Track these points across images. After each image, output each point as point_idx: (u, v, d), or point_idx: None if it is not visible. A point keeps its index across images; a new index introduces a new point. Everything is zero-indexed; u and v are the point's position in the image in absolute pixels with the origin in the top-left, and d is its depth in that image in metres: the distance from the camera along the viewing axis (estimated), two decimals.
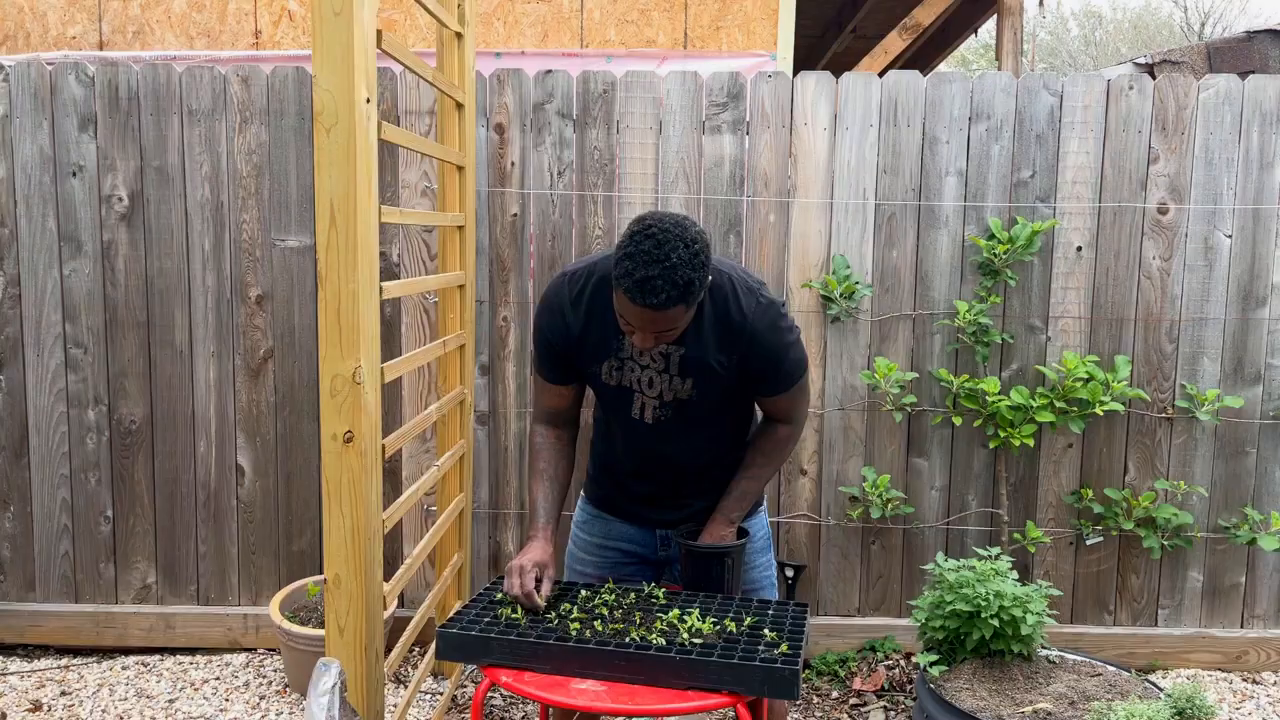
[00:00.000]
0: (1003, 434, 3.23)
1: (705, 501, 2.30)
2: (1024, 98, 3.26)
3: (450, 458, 2.95)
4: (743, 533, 2.28)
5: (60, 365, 3.37)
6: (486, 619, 2.07)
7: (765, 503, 2.46)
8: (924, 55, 7.89)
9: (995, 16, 6.16)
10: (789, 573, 3.35)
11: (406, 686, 3.28)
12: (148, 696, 3.21)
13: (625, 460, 2.33)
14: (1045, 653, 2.65)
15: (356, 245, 1.96)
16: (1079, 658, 2.68)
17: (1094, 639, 3.39)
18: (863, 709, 3.16)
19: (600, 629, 2.01)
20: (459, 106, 2.94)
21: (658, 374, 2.18)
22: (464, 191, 3.00)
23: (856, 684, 3.26)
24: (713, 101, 3.26)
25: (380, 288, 2.10)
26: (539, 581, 2.12)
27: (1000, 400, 3.20)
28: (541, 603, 2.09)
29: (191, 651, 3.48)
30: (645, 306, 1.92)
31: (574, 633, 1.99)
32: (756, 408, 2.35)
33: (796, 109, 3.26)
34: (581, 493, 2.50)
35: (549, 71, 3.29)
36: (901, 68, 3.80)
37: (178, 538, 3.45)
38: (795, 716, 3.11)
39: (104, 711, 3.11)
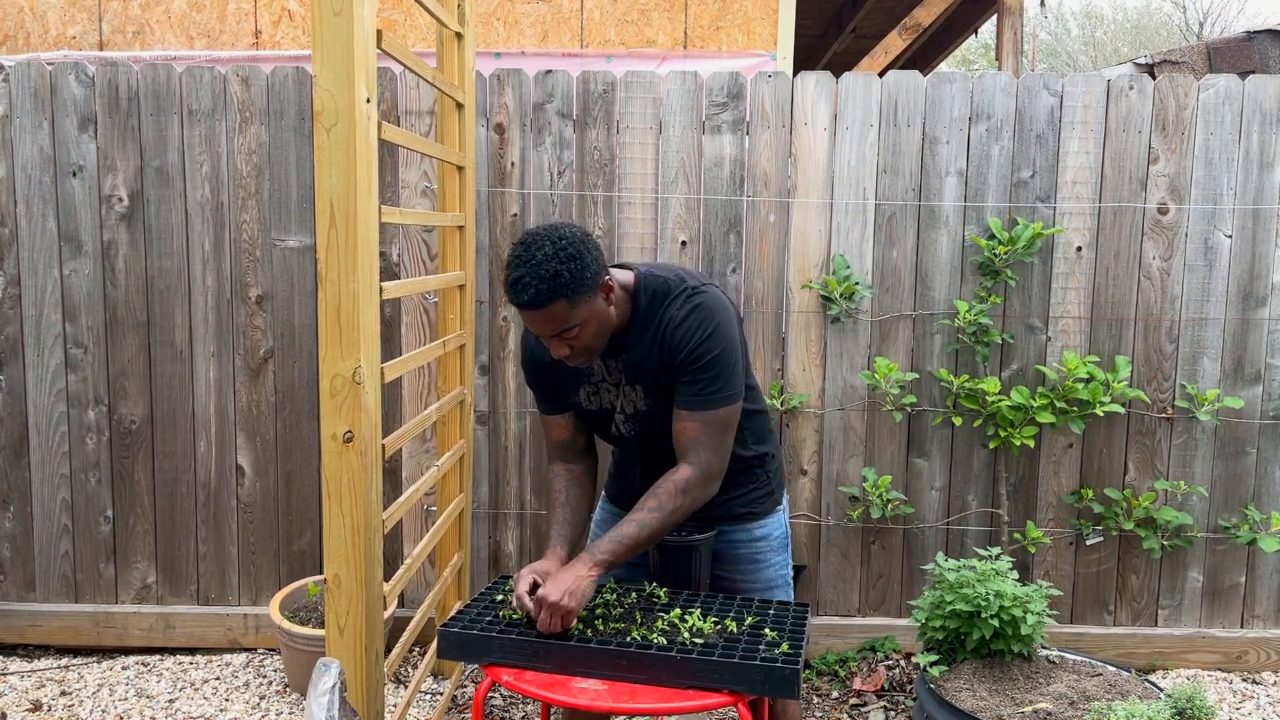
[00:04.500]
0: (1003, 434, 3.23)
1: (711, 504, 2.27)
2: (1024, 98, 3.26)
3: (450, 458, 2.95)
4: (709, 526, 2.26)
5: (60, 365, 3.37)
6: (488, 618, 2.07)
7: (786, 503, 2.43)
8: (924, 55, 7.90)
9: (995, 16, 6.16)
10: None
11: (406, 686, 3.28)
12: (148, 696, 3.21)
13: (626, 474, 2.39)
14: (1045, 653, 2.65)
15: (356, 245, 1.96)
16: (1079, 658, 2.68)
17: (1094, 639, 3.39)
18: (863, 709, 3.16)
19: (601, 628, 2.01)
20: (459, 106, 2.94)
21: (616, 387, 2.22)
22: (464, 191, 3.00)
23: (856, 684, 3.26)
24: (713, 101, 3.26)
25: (380, 288, 2.10)
26: (536, 586, 2.08)
27: (1000, 400, 3.20)
28: (534, 607, 2.01)
29: (191, 651, 3.48)
30: (523, 307, 1.99)
31: (575, 632, 1.99)
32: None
33: (796, 109, 3.27)
34: (603, 491, 2.52)
35: (549, 71, 3.29)
36: (901, 68, 3.81)
37: (178, 538, 3.45)
38: None
39: (104, 711, 3.11)
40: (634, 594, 2.20)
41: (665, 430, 2.20)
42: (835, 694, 3.25)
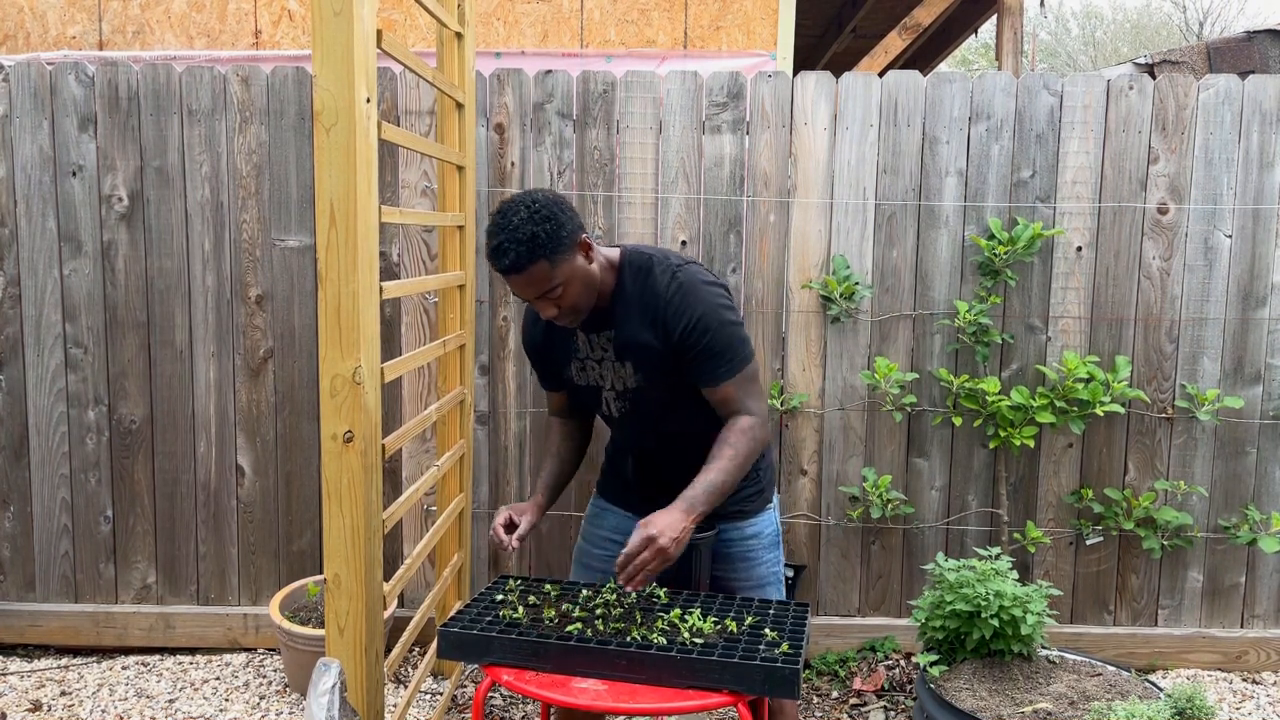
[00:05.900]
0: (1003, 434, 3.23)
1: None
2: (1024, 98, 3.26)
3: (450, 458, 2.95)
4: (710, 525, 2.27)
5: (60, 365, 3.37)
6: (488, 618, 2.07)
7: (776, 501, 2.45)
8: (924, 55, 7.90)
9: (995, 16, 6.17)
10: (789, 573, 3.35)
11: (406, 686, 3.28)
12: (148, 696, 3.21)
13: (618, 455, 2.47)
14: (1045, 653, 2.65)
15: (356, 245, 1.96)
16: (1079, 658, 2.69)
17: (1094, 639, 3.39)
18: (863, 709, 3.16)
19: (601, 628, 2.01)
20: (459, 106, 2.94)
21: (601, 364, 2.30)
22: (464, 191, 3.00)
23: (856, 684, 3.26)
24: (713, 101, 3.26)
25: (380, 288, 2.10)
26: (512, 524, 2.28)
27: (1000, 400, 3.20)
28: (506, 539, 2.24)
29: (191, 651, 3.48)
30: (505, 271, 2.09)
31: (575, 632, 1.99)
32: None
33: (796, 109, 3.27)
34: (595, 489, 2.57)
35: (549, 71, 3.29)
36: (901, 68, 3.81)
37: (178, 538, 3.45)
38: None
39: (104, 711, 3.11)
40: (634, 594, 2.20)
41: (655, 410, 2.25)
42: (835, 694, 3.26)
